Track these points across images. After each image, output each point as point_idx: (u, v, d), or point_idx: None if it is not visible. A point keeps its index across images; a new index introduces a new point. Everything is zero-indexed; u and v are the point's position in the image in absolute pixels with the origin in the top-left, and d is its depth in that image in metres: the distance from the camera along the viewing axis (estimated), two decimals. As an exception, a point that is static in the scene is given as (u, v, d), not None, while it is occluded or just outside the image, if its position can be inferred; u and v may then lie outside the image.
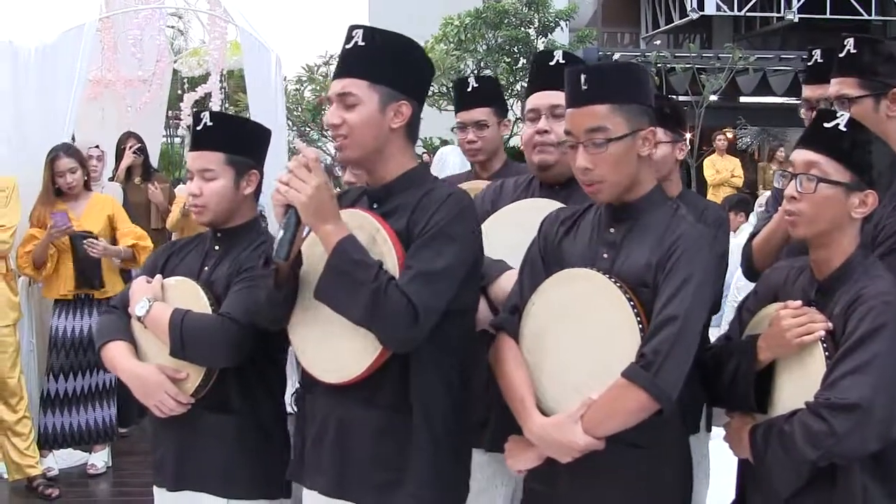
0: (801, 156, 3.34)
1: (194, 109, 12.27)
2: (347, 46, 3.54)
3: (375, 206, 3.58)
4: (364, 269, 3.28)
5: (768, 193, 12.94)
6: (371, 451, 3.48)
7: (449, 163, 10.75)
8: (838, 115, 3.32)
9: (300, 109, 24.04)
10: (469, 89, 5.26)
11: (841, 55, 3.84)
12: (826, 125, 3.31)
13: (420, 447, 3.43)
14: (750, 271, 4.54)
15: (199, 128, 3.99)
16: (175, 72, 12.56)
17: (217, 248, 4.06)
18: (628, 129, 3.35)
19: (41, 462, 7.90)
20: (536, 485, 3.59)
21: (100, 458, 8.31)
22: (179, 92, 12.78)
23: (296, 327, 3.61)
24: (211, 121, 3.98)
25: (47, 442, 8.03)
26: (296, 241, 3.42)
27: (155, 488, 4.13)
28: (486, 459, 4.09)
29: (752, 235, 4.58)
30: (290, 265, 3.48)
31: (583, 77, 3.37)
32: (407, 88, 3.56)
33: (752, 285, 3.92)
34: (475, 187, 4.71)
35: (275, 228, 3.47)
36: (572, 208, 3.71)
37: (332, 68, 24.87)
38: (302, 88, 25.50)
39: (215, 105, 11.19)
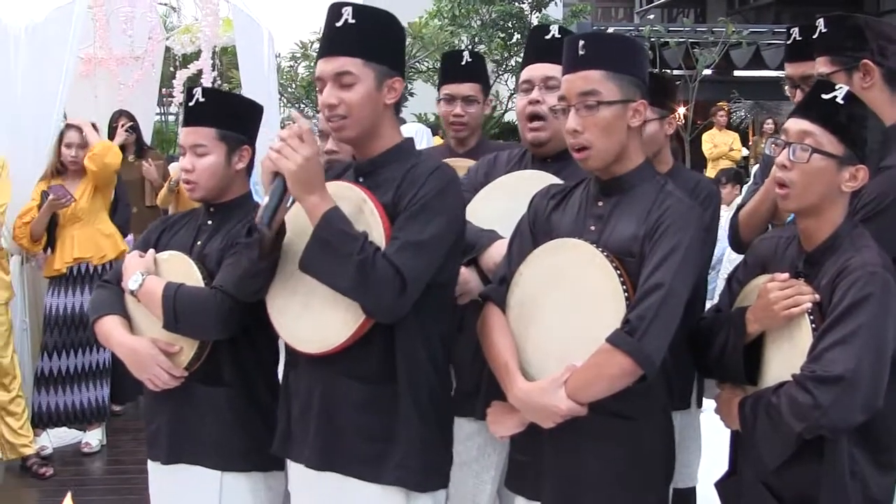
0: (796, 125, 3.34)
1: (186, 86, 12.32)
2: (337, 24, 3.54)
3: (361, 179, 3.62)
4: (351, 240, 3.32)
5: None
6: (357, 423, 3.53)
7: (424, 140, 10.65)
8: (837, 87, 3.32)
9: (294, 86, 24.00)
10: (463, 63, 5.22)
11: (815, 36, 3.89)
12: (824, 96, 3.31)
13: (406, 418, 3.49)
14: (736, 243, 4.59)
15: (191, 104, 4.00)
16: (167, 49, 12.52)
17: (210, 222, 4.08)
18: (620, 97, 3.40)
19: (35, 441, 7.91)
20: (520, 455, 3.64)
21: (94, 437, 8.33)
22: (172, 69, 12.72)
23: (275, 299, 3.65)
24: (203, 96, 4.00)
25: (41, 421, 8.07)
26: (280, 209, 3.46)
27: (149, 462, 4.15)
28: (478, 428, 4.13)
29: (740, 207, 4.62)
30: (273, 235, 3.51)
31: (581, 43, 3.43)
32: (396, 64, 3.62)
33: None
34: (457, 165, 4.73)
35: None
36: (564, 184, 3.76)
37: (326, 45, 24.85)
38: (296, 65, 25.43)
39: (207, 82, 11.14)
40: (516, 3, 24.71)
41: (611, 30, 24.64)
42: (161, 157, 11.10)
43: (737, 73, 26.51)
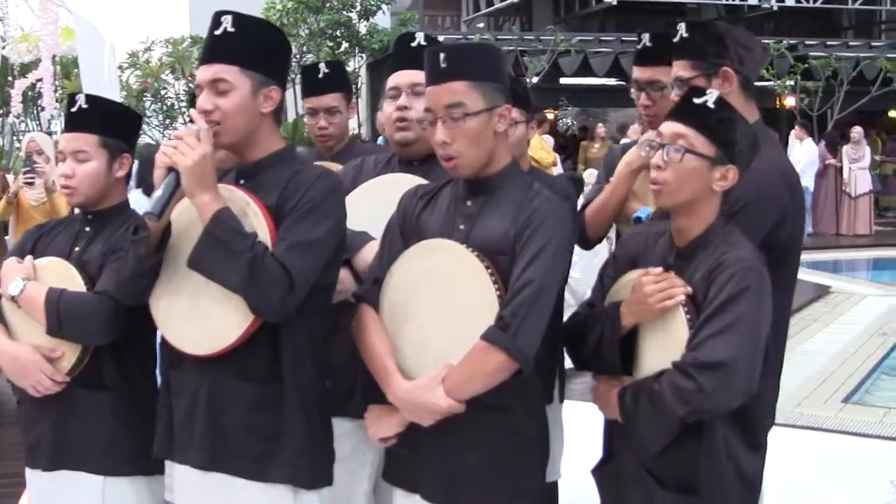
0: (670, 128, 3.47)
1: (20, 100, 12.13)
2: (216, 32, 3.60)
3: (243, 181, 3.67)
4: (242, 238, 3.38)
5: (594, 172, 13.09)
6: (244, 423, 3.57)
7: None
8: (707, 92, 3.46)
9: (124, 95, 23.71)
10: (320, 75, 5.28)
11: (675, 40, 3.99)
12: (696, 101, 3.45)
13: (293, 417, 3.56)
14: (583, 240, 4.71)
15: (73, 110, 4.00)
16: (3, 59, 12.33)
17: (88, 229, 4.07)
18: (485, 105, 3.50)
19: None
20: (398, 448, 3.69)
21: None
22: (10, 79, 12.53)
23: (159, 300, 3.66)
24: (86, 103, 4.00)
25: None
26: (171, 203, 3.48)
27: (28, 471, 4.11)
28: (353, 427, 4.16)
29: (584, 206, 4.75)
30: (160, 232, 3.54)
31: (442, 55, 3.50)
32: (275, 73, 3.66)
33: (584, 260, 4.07)
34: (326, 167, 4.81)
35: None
36: (431, 184, 3.84)
37: (154, 54, 24.48)
38: (125, 75, 25.14)
39: (47, 91, 11.01)
40: (344, 13, 24.75)
41: (440, 38, 24.86)
42: (1, 168, 10.94)
43: (564, 80, 26.93)
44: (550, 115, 22.41)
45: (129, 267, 3.58)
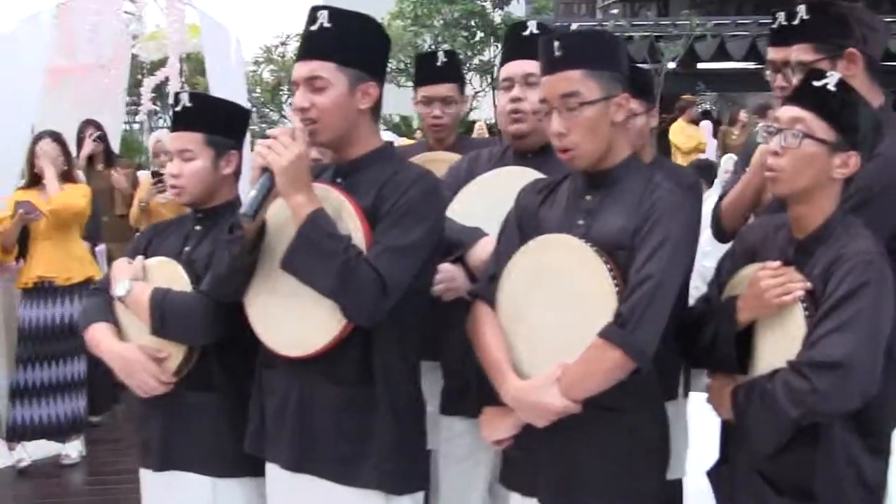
0: (788, 112, 3.33)
1: (153, 94, 12.27)
2: (312, 28, 3.55)
3: (340, 180, 3.62)
4: (335, 241, 3.34)
5: (732, 157, 12.74)
6: (333, 425, 3.54)
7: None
8: (828, 74, 3.32)
9: (259, 90, 24.01)
10: (438, 64, 5.20)
11: (794, 22, 3.85)
12: (815, 84, 3.31)
13: (383, 421, 3.51)
14: (720, 232, 4.55)
15: (178, 108, 3.99)
16: (133, 56, 12.49)
17: (198, 227, 4.07)
18: (601, 95, 3.38)
19: (11, 454, 8.01)
20: (514, 451, 3.61)
21: (73, 449, 8.28)
22: (139, 77, 12.69)
23: (253, 299, 3.66)
24: (190, 101, 3.98)
25: (15, 434, 8.05)
26: (265, 204, 3.45)
27: (141, 471, 4.14)
28: (467, 426, 4.12)
29: (721, 197, 4.58)
30: (254, 232, 3.52)
31: (556, 44, 3.40)
32: (372, 69, 3.61)
33: (718, 250, 3.95)
34: (439, 158, 4.76)
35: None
36: (549, 179, 3.74)
37: (289, 49, 24.85)
38: (259, 70, 25.50)
39: (174, 88, 11.09)
40: (478, 2, 24.78)
41: (574, 26, 24.73)
42: (131, 165, 11.08)
43: (701, 65, 26.57)
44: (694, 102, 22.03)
45: (225, 265, 3.59)
